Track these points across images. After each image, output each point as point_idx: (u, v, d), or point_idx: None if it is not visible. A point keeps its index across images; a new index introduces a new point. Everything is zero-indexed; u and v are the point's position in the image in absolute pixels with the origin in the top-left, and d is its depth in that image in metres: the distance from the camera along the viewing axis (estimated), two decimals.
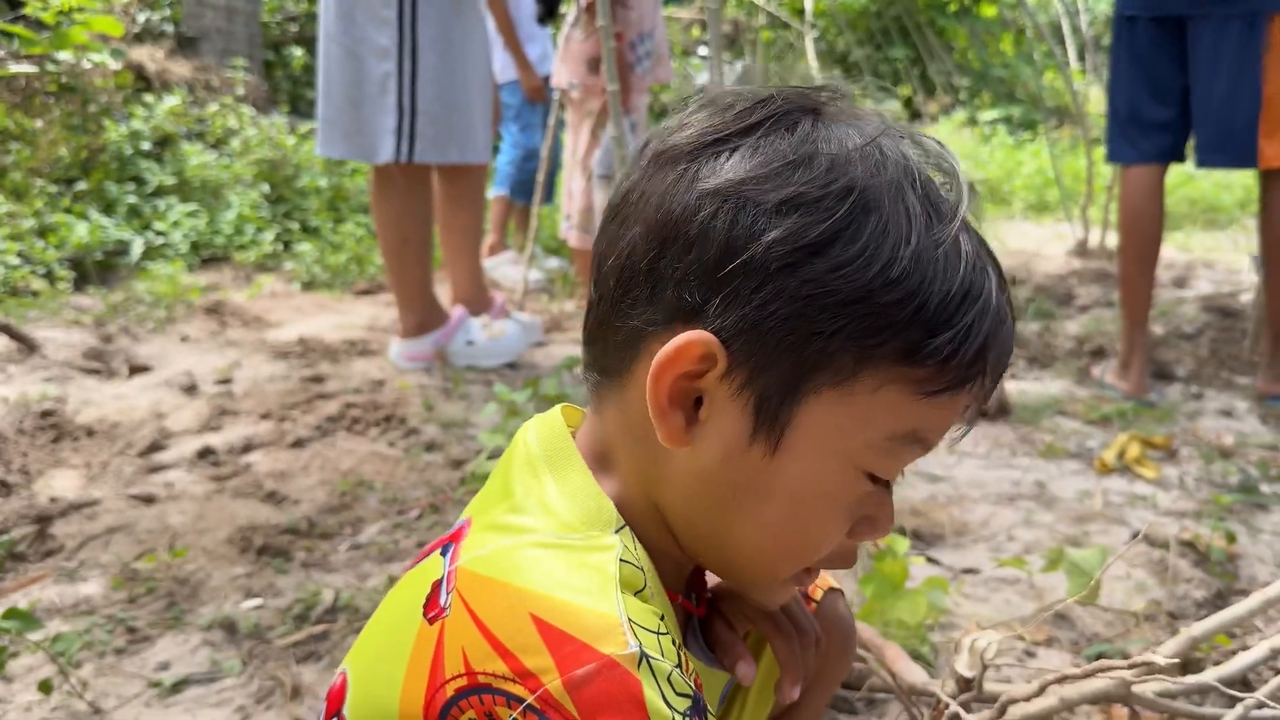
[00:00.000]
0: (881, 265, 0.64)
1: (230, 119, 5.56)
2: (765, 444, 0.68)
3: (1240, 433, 2.73)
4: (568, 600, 0.62)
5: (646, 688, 0.59)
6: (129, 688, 1.54)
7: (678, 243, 0.66)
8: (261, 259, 4.52)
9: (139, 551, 1.91)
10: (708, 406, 0.68)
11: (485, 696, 0.62)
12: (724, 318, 0.65)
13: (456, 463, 2.36)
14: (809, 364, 0.66)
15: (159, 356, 3.14)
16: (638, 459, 0.72)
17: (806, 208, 0.65)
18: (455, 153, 2.93)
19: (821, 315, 0.64)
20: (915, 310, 0.65)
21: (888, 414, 0.68)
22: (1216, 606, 1.74)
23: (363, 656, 0.77)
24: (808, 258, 0.64)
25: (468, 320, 3.13)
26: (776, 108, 0.69)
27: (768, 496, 0.70)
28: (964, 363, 0.67)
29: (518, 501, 0.72)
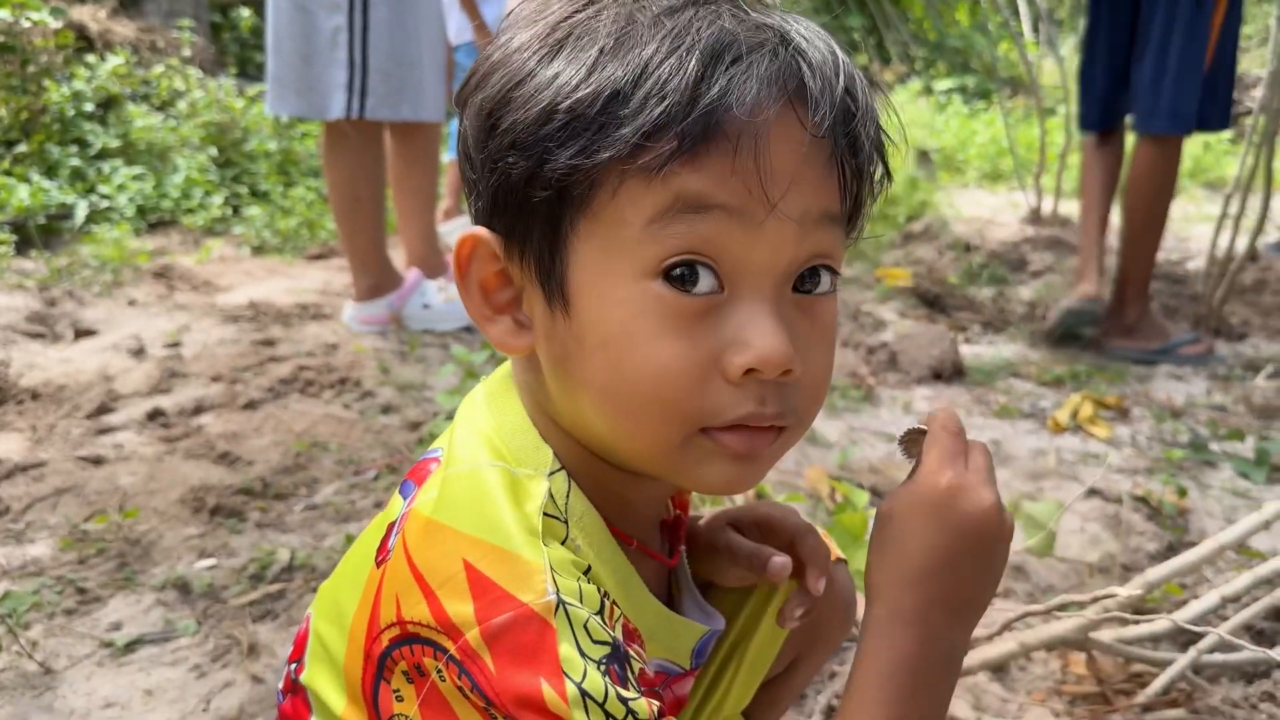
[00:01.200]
0: (556, 81, 0.61)
1: (177, 81, 5.43)
2: (560, 306, 0.65)
3: (1189, 394, 2.78)
4: (498, 545, 0.61)
5: (561, 638, 0.58)
6: (80, 648, 1.51)
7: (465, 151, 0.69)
8: (210, 223, 4.43)
9: (88, 513, 1.87)
10: (525, 301, 0.68)
11: (415, 646, 0.61)
12: (481, 200, 0.66)
13: (413, 424, 2.34)
14: (545, 206, 0.63)
15: (105, 321, 3.07)
16: (534, 385, 0.71)
17: (498, 72, 0.65)
18: (408, 109, 2.88)
19: (523, 152, 0.62)
20: (591, 103, 0.60)
21: (634, 207, 0.61)
22: (1168, 558, 1.77)
23: (323, 599, 0.76)
24: (500, 110, 0.64)
25: (423, 283, 3.09)
26: None
27: (582, 352, 0.64)
28: (672, 115, 0.59)
29: (463, 441, 0.71)
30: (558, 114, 0.60)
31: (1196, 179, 6.95)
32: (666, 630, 0.78)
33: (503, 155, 0.63)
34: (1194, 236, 5.11)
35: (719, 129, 0.59)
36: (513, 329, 0.67)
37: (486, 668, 0.58)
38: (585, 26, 0.63)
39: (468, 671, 0.58)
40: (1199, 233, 5.18)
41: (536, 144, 0.61)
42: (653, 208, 0.61)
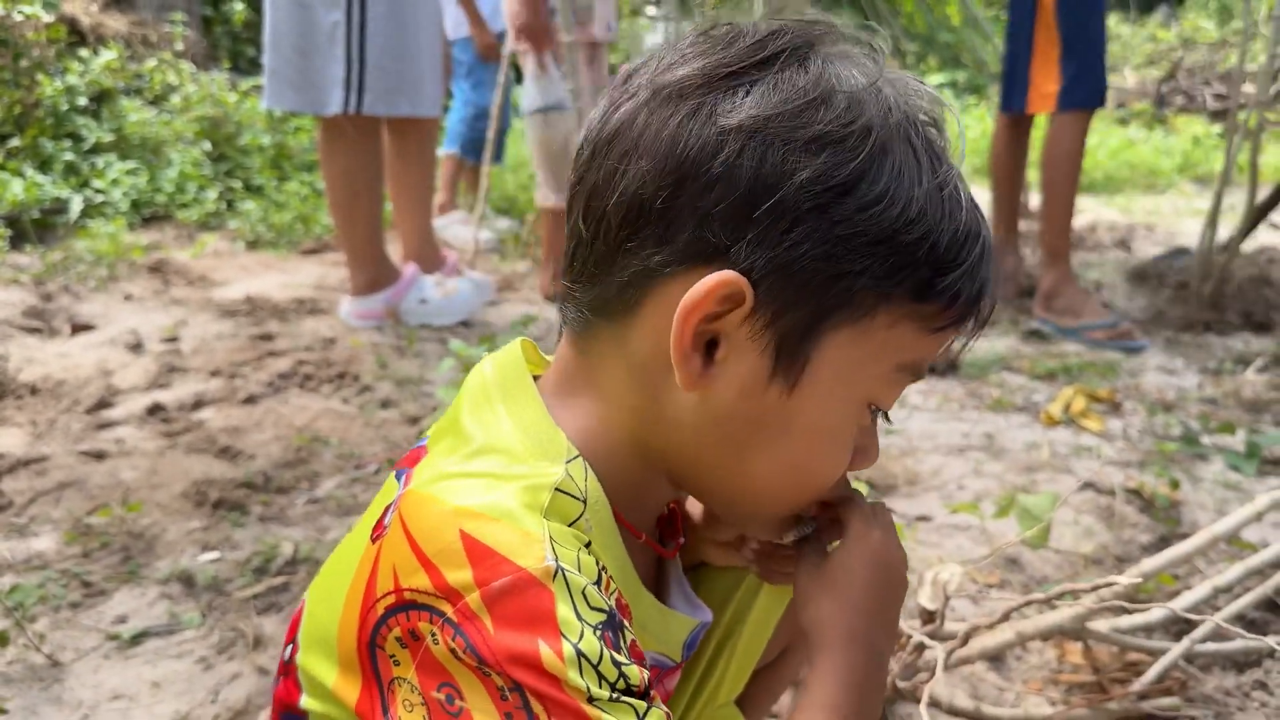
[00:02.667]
0: (901, 206, 0.64)
1: (169, 75, 5.42)
2: (784, 382, 0.68)
3: (1181, 387, 2.81)
4: (496, 518, 0.63)
5: (559, 601, 0.60)
6: (87, 640, 1.53)
7: (698, 181, 0.64)
8: (204, 218, 4.43)
9: (91, 506, 1.88)
10: (725, 348, 0.67)
11: (411, 613, 0.63)
12: (752, 259, 0.64)
13: (413, 419, 2.35)
14: (831, 303, 0.65)
15: (102, 315, 3.07)
16: (634, 399, 0.71)
17: (834, 147, 0.63)
18: (405, 105, 2.88)
19: (849, 255, 0.64)
20: (929, 250, 0.66)
21: (897, 348, 0.69)
22: (1160, 550, 1.79)
23: (318, 582, 0.78)
24: (838, 197, 0.63)
25: (420, 278, 3.10)
26: (786, 41, 0.67)
27: (784, 433, 0.70)
28: (968, 299, 0.69)
29: (468, 429, 0.72)
30: (893, 241, 0.64)
31: (1185, 174, 6.99)
32: (660, 623, 0.80)
33: (818, 237, 0.64)
34: (1183, 231, 5.14)
35: (974, 317, 0.71)
36: (700, 368, 0.67)
37: (485, 628, 0.60)
38: (900, 144, 0.66)
39: (463, 633, 0.60)
40: (1188, 227, 5.21)
41: (859, 250, 0.64)
42: (910, 356, 0.70)
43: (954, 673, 1.38)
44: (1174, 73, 9.85)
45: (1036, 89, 3.20)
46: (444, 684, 0.61)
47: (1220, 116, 8.92)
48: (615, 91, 0.71)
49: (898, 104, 0.67)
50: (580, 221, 0.70)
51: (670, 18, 2.98)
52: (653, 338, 0.68)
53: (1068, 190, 3.29)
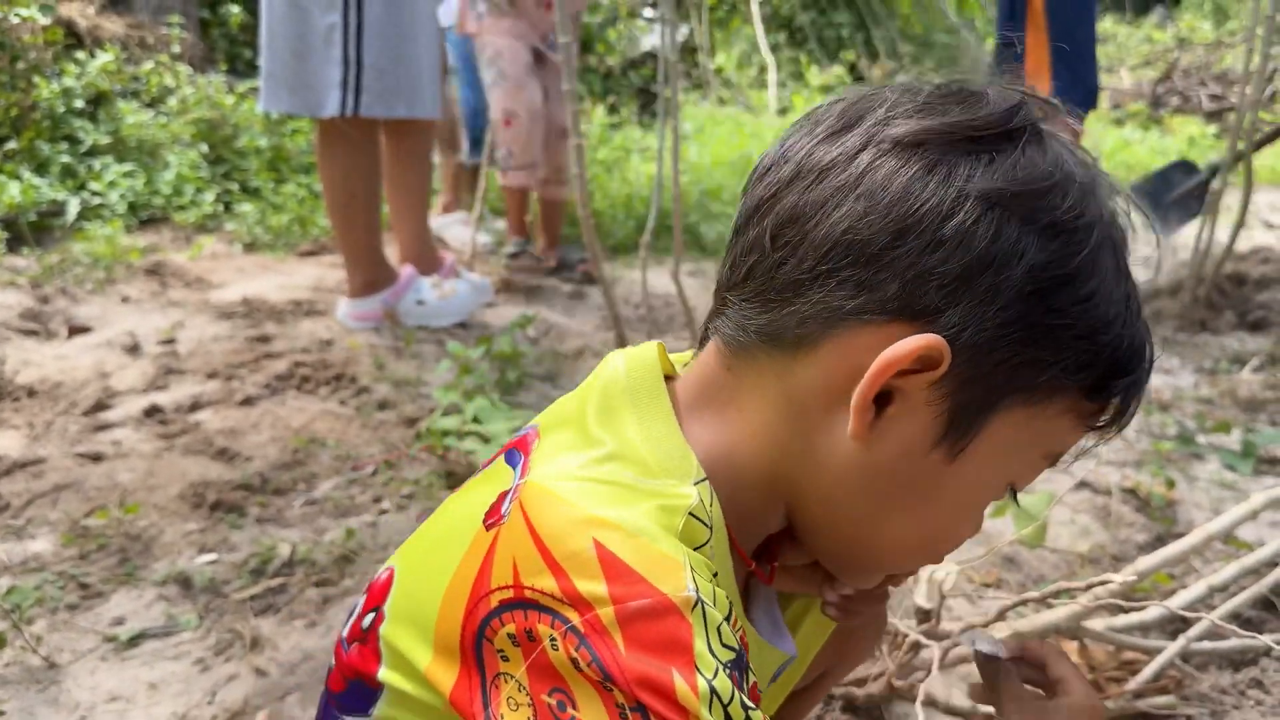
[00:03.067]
0: (1104, 307, 0.66)
1: (166, 77, 5.41)
2: (947, 450, 0.67)
3: (1177, 387, 2.81)
4: (633, 534, 0.61)
5: (696, 634, 0.59)
6: (84, 642, 1.53)
7: (922, 238, 0.63)
8: (202, 220, 4.42)
9: (88, 508, 1.88)
10: (899, 405, 0.66)
11: (530, 612, 0.61)
12: (959, 327, 0.63)
13: (410, 420, 2.35)
14: (1017, 384, 0.66)
15: (99, 317, 3.07)
16: (781, 431, 0.70)
17: (1065, 237, 0.64)
18: (403, 107, 2.88)
19: (1050, 344, 0.65)
20: (1112, 353, 0.67)
21: (1057, 436, 0.70)
22: (1156, 549, 1.80)
23: (413, 555, 0.75)
24: (1057, 287, 0.64)
25: (417, 279, 3.10)
26: (1028, 117, 0.67)
27: (931, 498, 0.70)
28: (1124, 403, 0.70)
29: (595, 431, 0.70)
30: (1091, 339, 0.66)
31: None
32: (756, 655, 0.78)
33: (1028, 321, 0.64)
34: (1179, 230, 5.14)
35: (1123, 417, 0.72)
36: (870, 419, 0.66)
37: (615, 646, 0.58)
38: (1107, 246, 0.67)
39: (590, 645, 0.58)
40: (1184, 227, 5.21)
41: (1061, 342, 0.65)
42: (1060, 446, 0.71)
43: (950, 671, 1.38)
44: (1169, 73, 9.87)
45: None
46: (556, 689, 0.60)
47: (1216, 117, 8.93)
48: (829, 118, 0.70)
49: (1108, 205, 0.68)
50: (768, 240, 0.68)
51: (666, 20, 2.98)
52: (822, 377, 0.67)
53: None
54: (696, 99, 8.37)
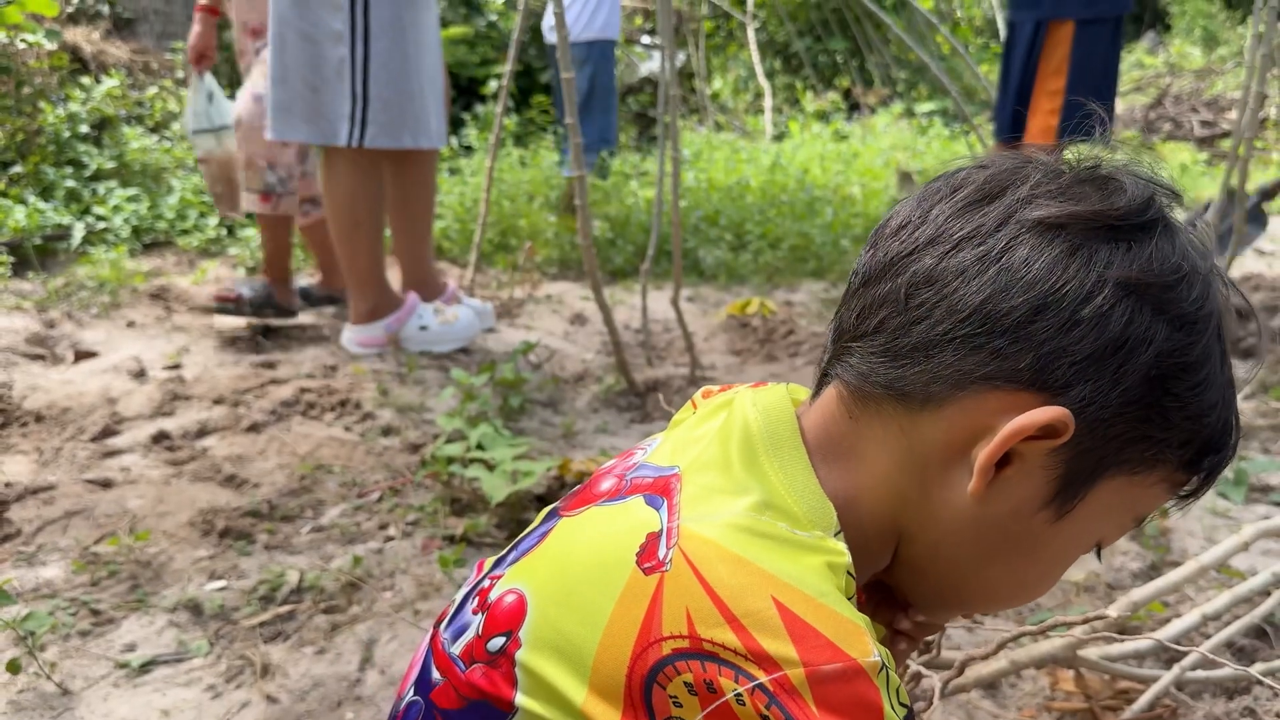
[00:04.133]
0: (1213, 391, 0.70)
1: (170, 102, 5.47)
2: (1055, 512, 0.71)
3: None
4: (812, 596, 0.64)
5: (885, 698, 0.61)
6: (96, 669, 1.55)
7: (1060, 316, 0.67)
8: (205, 244, 4.46)
9: (99, 535, 1.90)
10: (1017, 466, 0.70)
11: (709, 664, 0.63)
12: (1085, 403, 0.67)
13: (414, 446, 2.38)
14: (1125, 457, 0.70)
15: (105, 342, 3.10)
16: (901, 482, 0.73)
17: (1189, 327, 0.68)
18: (409, 138, 2.93)
19: (1163, 425, 0.69)
20: (1209, 433, 0.71)
21: (1148, 503, 0.74)
22: (1150, 578, 1.83)
23: (548, 583, 0.75)
24: (1178, 373, 0.68)
25: (420, 305, 3.14)
26: (1162, 209, 0.71)
27: (1031, 554, 0.74)
28: (1207, 481, 0.75)
29: (741, 477, 0.72)
30: (1198, 421, 0.71)
31: None
32: None
33: (1147, 402, 0.68)
34: None
35: (1207, 488, 0.76)
36: (989, 479, 0.70)
37: (807, 708, 0.60)
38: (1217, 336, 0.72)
39: (781, 704, 0.61)
40: None
41: (1173, 423, 0.70)
42: (1148, 510, 0.75)
43: (950, 701, 1.41)
44: (1161, 99, 9.96)
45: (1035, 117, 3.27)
46: None
47: (1207, 143, 9.01)
48: (971, 189, 0.73)
49: (1221, 296, 0.72)
50: (903, 297, 0.71)
51: (665, 47, 3.03)
52: (945, 434, 0.70)
53: None
54: (693, 124, 8.43)
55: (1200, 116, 9.50)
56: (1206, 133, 9.20)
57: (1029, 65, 3.27)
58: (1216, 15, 14.30)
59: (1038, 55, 3.24)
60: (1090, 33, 3.18)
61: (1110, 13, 3.19)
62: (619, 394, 2.84)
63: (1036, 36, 3.24)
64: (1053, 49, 3.21)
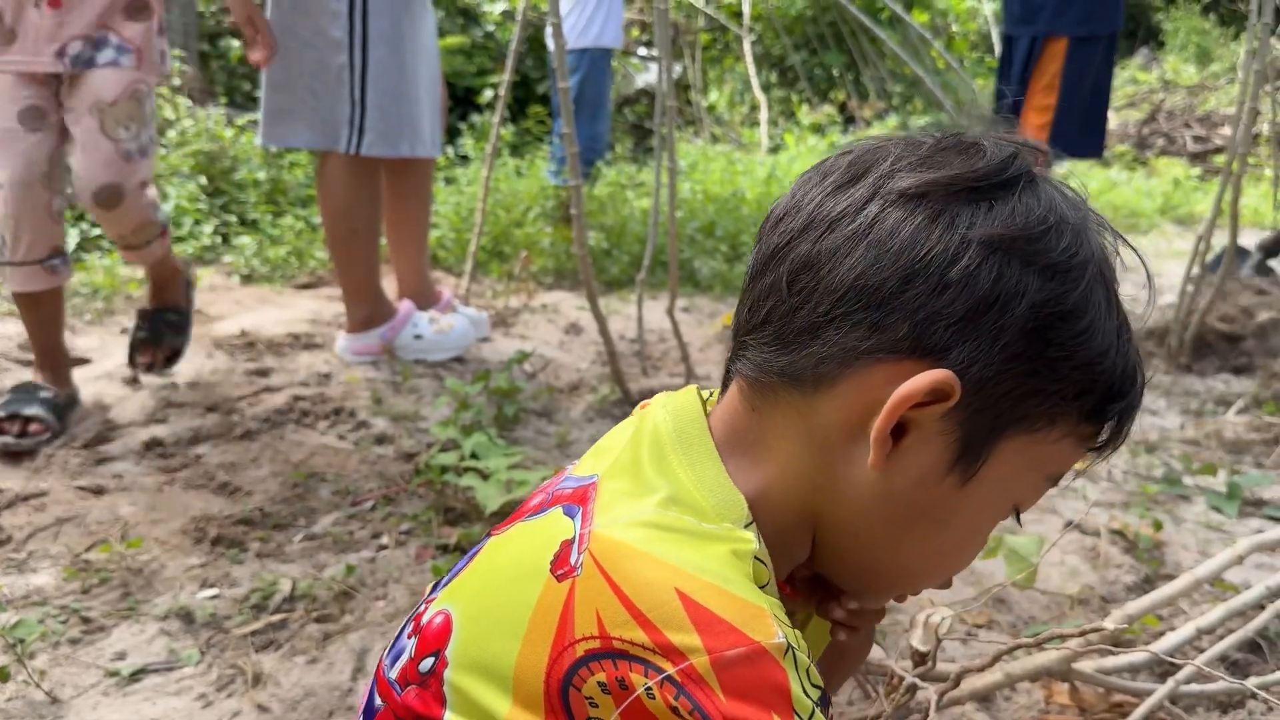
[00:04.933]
0: (1100, 338, 0.70)
1: (166, 110, 5.45)
2: (959, 477, 0.72)
3: (1163, 428, 2.85)
4: (715, 584, 0.64)
5: (791, 678, 0.62)
6: (86, 677, 1.54)
7: (928, 281, 0.68)
8: (200, 251, 4.45)
9: (90, 542, 1.89)
10: (914, 436, 0.70)
11: (620, 662, 0.63)
12: (967, 363, 0.68)
13: (408, 455, 2.38)
14: (1021, 413, 0.70)
15: (98, 349, 3.09)
16: (807, 465, 0.74)
17: (1061, 276, 0.69)
18: (406, 147, 2.93)
19: (1051, 376, 0.69)
20: (1108, 380, 0.72)
21: (1054, 459, 0.74)
22: (1145, 591, 1.83)
23: (471, 600, 0.76)
24: (1056, 323, 0.69)
25: (415, 314, 3.13)
26: (1023, 166, 0.72)
27: (945, 522, 0.75)
28: (1120, 425, 0.75)
29: (650, 476, 0.73)
30: (1089, 369, 0.70)
31: (1166, 215, 7.09)
32: None
33: (1030, 355, 0.69)
34: (1165, 272, 5.22)
35: (1119, 438, 0.76)
36: (888, 450, 0.70)
37: (714, 695, 0.61)
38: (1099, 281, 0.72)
39: (689, 694, 0.61)
40: (1170, 268, 5.29)
41: (1061, 373, 0.70)
42: (1059, 468, 0.75)
43: (945, 713, 1.41)
44: (1155, 115, 10.01)
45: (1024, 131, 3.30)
46: None
47: (1200, 159, 9.06)
48: (838, 171, 0.74)
49: (1098, 243, 0.73)
50: (784, 286, 0.72)
51: (662, 59, 3.03)
52: (841, 413, 0.71)
53: None
54: (689, 136, 8.45)
55: (1193, 132, 9.55)
56: (1199, 148, 9.25)
57: (1023, 81, 3.29)
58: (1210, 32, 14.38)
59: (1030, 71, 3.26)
60: (1083, 50, 3.21)
61: (1103, 31, 3.21)
62: (614, 404, 2.83)
63: (1032, 52, 3.26)
64: (1046, 65, 3.24)
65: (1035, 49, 3.25)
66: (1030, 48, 3.27)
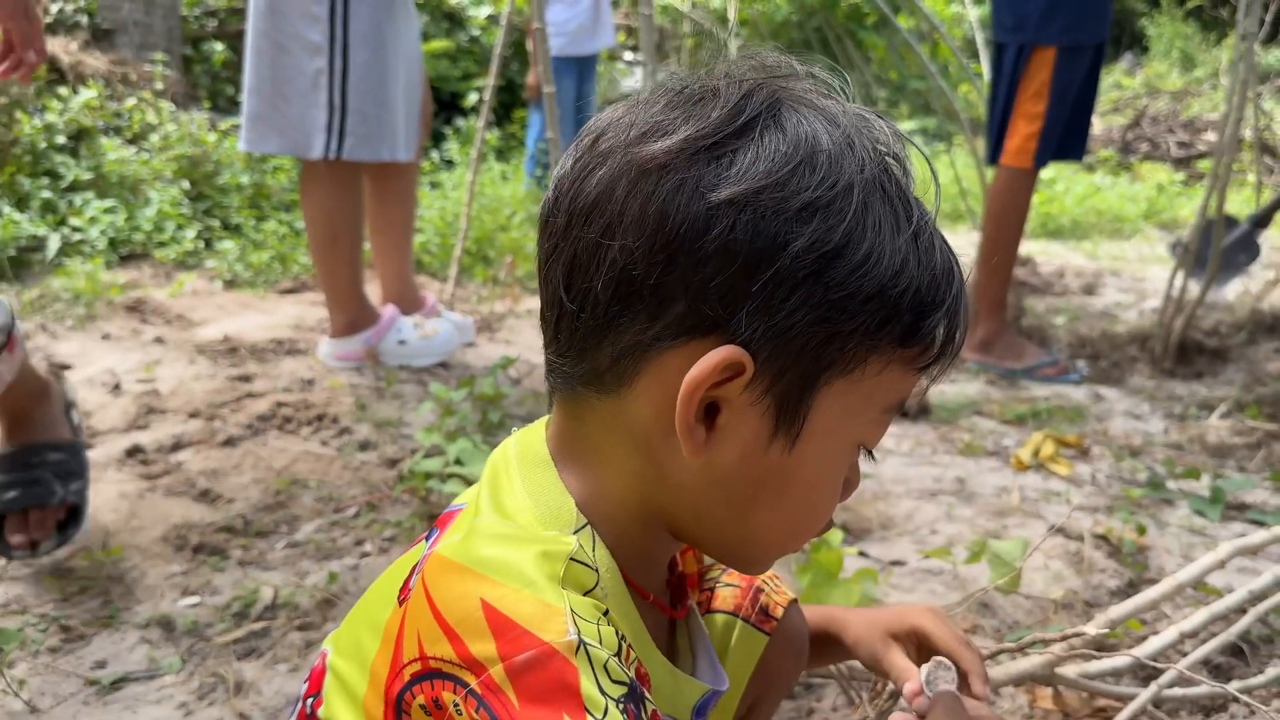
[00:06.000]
0: (887, 260, 0.66)
1: (149, 114, 5.43)
2: (785, 441, 0.70)
3: (1147, 433, 2.86)
4: (516, 588, 0.64)
5: (582, 676, 0.61)
6: (66, 686, 1.53)
7: (691, 257, 0.65)
8: (182, 256, 4.43)
9: (71, 550, 1.87)
10: (726, 414, 0.69)
11: (435, 682, 0.63)
12: (751, 329, 0.65)
13: (392, 461, 2.37)
14: (826, 361, 0.68)
15: (80, 355, 3.07)
16: (636, 464, 0.73)
17: (823, 212, 0.65)
18: (386, 151, 2.91)
19: (843, 316, 0.66)
20: (913, 297, 0.68)
21: (885, 391, 0.71)
22: (1128, 595, 1.83)
23: (342, 636, 0.78)
24: (830, 262, 0.65)
25: (399, 319, 3.12)
26: (760, 102, 0.67)
27: (786, 487, 0.72)
28: (948, 335, 0.72)
29: (489, 497, 0.74)
30: (882, 296, 0.67)
31: (1150, 220, 7.13)
32: (671, 685, 0.81)
33: (814, 302, 0.66)
34: (1149, 276, 5.24)
35: (951, 348, 0.73)
36: (704, 436, 0.69)
37: (509, 703, 0.60)
38: (877, 196, 0.67)
39: (487, 705, 0.61)
40: (1154, 273, 5.31)
41: (852, 310, 0.66)
42: (896, 397, 0.73)
43: None
44: (1139, 120, 10.06)
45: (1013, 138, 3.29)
46: None
47: (1184, 164, 9.10)
48: (586, 155, 0.70)
49: (868, 153, 0.68)
50: (563, 293, 0.70)
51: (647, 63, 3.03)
52: (651, 407, 0.69)
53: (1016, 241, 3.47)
54: None
55: (1177, 137, 9.60)
56: (1183, 153, 9.30)
57: (1011, 88, 3.29)
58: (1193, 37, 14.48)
59: (1018, 77, 3.26)
60: (1071, 59, 3.21)
61: (1091, 41, 3.22)
62: None
63: (1019, 60, 3.26)
64: (1034, 74, 3.23)
65: (1023, 57, 3.26)
66: (1018, 56, 3.28)
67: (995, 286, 3.45)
